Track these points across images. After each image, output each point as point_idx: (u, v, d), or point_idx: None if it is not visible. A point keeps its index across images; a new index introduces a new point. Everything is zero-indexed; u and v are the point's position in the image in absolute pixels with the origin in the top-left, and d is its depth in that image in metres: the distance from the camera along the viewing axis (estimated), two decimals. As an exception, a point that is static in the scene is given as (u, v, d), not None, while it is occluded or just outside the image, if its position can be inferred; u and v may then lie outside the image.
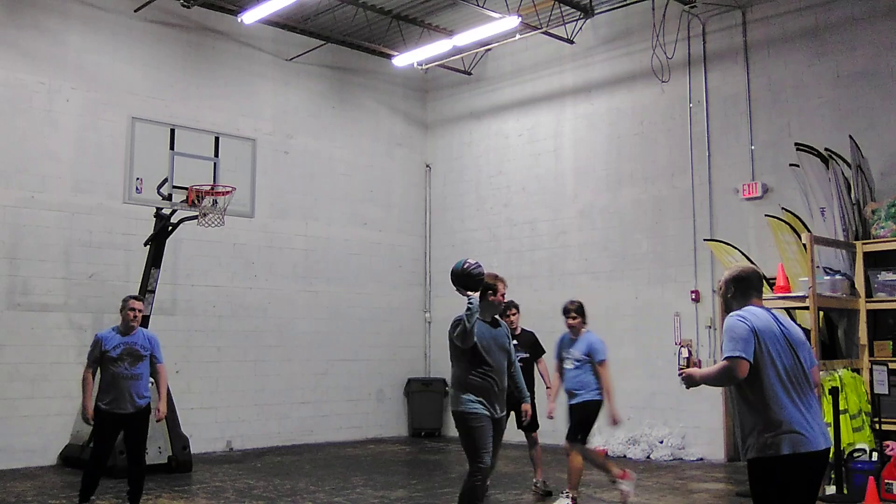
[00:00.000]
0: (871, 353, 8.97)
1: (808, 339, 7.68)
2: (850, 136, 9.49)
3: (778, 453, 4.09)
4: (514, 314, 8.60)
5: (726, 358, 4.18)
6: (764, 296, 9.78)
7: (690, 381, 4.47)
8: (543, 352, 8.76)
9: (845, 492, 8.00)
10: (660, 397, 11.52)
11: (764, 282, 4.70)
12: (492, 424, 5.97)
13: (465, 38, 12.24)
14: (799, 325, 9.50)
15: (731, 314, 4.37)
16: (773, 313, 4.40)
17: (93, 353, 7.30)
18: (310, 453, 11.89)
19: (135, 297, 7.50)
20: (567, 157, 13.08)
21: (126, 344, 7.29)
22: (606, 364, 7.75)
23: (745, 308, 4.36)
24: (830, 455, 4.39)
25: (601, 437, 11.70)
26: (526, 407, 6.56)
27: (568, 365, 7.84)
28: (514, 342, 7.80)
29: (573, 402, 7.78)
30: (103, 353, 7.24)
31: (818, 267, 9.02)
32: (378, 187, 14.41)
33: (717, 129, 11.40)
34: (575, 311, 7.99)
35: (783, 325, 4.33)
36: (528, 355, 8.52)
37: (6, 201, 10.56)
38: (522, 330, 8.78)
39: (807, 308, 8.76)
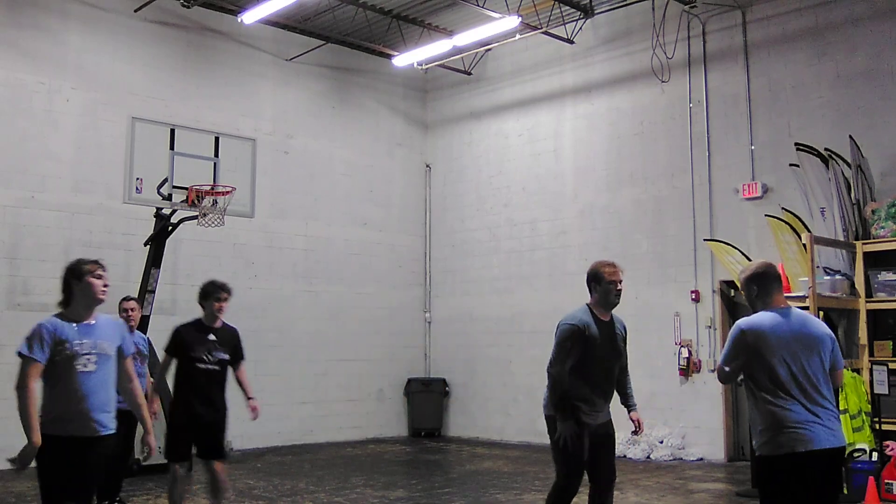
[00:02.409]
0: (871, 353, 8.96)
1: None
2: (850, 136, 9.49)
3: (777, 452, 4.15)
4: (224, 300, 6.71)
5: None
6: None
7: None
8: (243, 357, 6.99)
9: (845, 492, 8.00)
10: (660, 397, 11.52)
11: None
12: (587, 433, 5.37)
13: (465, 38, 12.24)
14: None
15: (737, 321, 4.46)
16: (789, 312, 4.38)
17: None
18: (310, 453, 11.90)
19: (125, 298, 7.82)
20: (567, 157, 13.07)
21: (134, 343, 7.54)
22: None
23: (758, 312, 4.39)
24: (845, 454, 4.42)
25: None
26: (635, 416, 5.68)
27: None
28: (213, 337, 6.57)
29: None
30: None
31: (818, 267, 9.01)
32: (378, 187, 14.41)
33: (717, 129, 11.40)
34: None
35: (800, 325, 4.33)
36: (227, 357, 6.70)
37: (6, 201, 10.56)
38: (224, 324, 6.78)
39: (807, 308, 8.76)
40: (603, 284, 5.42)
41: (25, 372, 4.47)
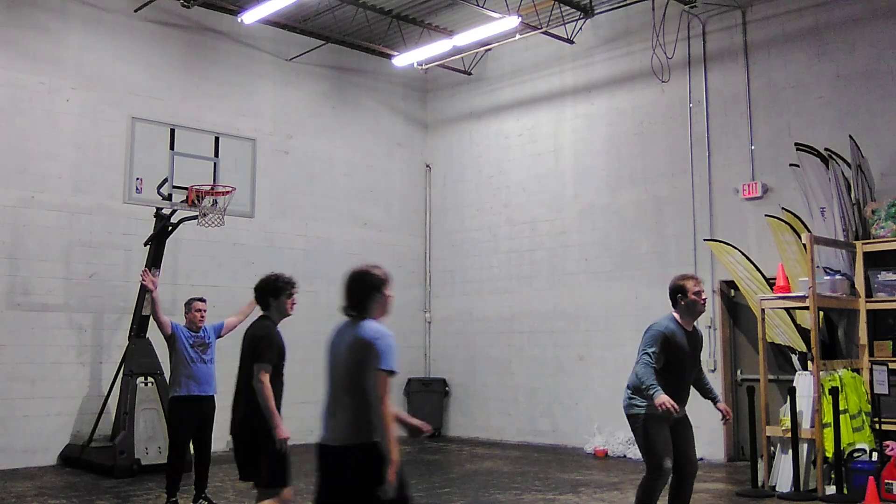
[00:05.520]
0: (871, 353, 8.97)
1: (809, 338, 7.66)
2: (850, 136, 9.49)
3: None
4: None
5: None
6: (763, 296, 9.76)
7: None
8: None
9: (845, 492, 8.01)
10: (660, 397, 11.49)
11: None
12: (668, 427, 5.88)
13: (465, 38, 12.24)
14: (797, 325, 9.55)
15: None
16: None
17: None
18: (310, 453, 11.85)
19: (196, 299, 8.16)
20: (567, 157, 13.07)
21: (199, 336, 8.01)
22: None
23: None
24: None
25: (601, 437, 11.71)
26: (722, 405, 6.28)
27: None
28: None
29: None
30: None
31: (818, 267, 9.02)
32: (378, 187, 14.41)
33: (717, 129, 11.40)
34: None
35: None
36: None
37: (6, 201, 10.56)
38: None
39: (807, 308, 8.77)
40: (689, 297, 5.90)
41: None
